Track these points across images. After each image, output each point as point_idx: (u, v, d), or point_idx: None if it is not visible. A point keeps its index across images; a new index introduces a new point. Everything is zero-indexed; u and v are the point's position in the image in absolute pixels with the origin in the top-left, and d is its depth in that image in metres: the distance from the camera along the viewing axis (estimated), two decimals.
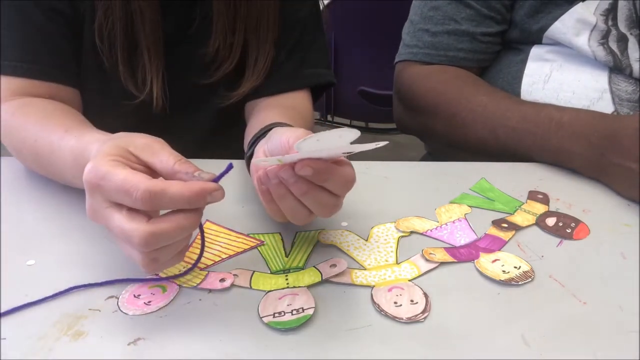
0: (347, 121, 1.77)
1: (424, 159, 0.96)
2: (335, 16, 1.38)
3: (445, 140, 0.75)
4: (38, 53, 0.61)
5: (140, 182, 0.36)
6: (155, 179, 0.37)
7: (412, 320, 0.40)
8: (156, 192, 0.36)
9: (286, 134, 0.43)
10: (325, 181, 0.40)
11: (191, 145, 0.57)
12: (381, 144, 0.40)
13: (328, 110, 1.64)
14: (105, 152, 0.39)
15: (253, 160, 0.42)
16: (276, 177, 0.41)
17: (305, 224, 0.45)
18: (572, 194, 0.57)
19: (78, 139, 0.47)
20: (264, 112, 0.65)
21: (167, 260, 0.39)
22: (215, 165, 0.41)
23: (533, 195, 0.57)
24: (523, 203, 0.55)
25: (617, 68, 0.70)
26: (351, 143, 0.38)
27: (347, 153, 0.40)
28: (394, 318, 0.40)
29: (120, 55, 0.63)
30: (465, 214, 0.53)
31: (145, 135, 0.41)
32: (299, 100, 0.71)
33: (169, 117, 0.67)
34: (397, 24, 0.86)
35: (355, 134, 0.38)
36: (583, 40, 0.70)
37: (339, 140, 0.38)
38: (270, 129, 0.49)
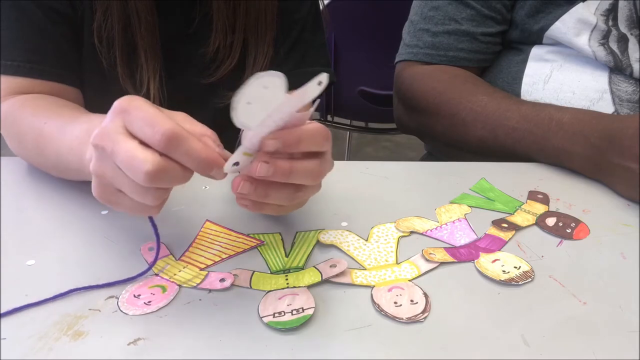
0: (347, 121, 1.78)
1: (424, 159, 0.96)
2: (335, 16, 1.38)
3: (445, 140, 0.75)
4: (39, 53, 0.61)
5: (170, 122, 0.36)
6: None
7: (412, 320, 0.40)
8: (180, 135, 0.36)
9: None
10: (289, 178, 0.39)
11: None
12: (323, 81, 0.37)
13: (328, 110, 1.64)
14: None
15: (225, 168, 0.39)
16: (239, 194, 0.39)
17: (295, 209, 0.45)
18: (572, 194, 0.57)
19: (90, 120, 0.47)
20: None
21: (150, 206, 0.38)
22: None
23: (533, 195, 0.57)
24: (523, 203, 0.55)
25: (617, 68, 0.70)
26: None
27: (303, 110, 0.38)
28: (394, 318, 0.40)
29: (118, 56, 0.63)
30: (465, 214, 0.53)
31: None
32: None
33: None
34: (397, 24, 0.86)
35: (278, 76, 0.35)
36: (583, 41, 0.70)
37: (267, 91, 0.36)
38: None
